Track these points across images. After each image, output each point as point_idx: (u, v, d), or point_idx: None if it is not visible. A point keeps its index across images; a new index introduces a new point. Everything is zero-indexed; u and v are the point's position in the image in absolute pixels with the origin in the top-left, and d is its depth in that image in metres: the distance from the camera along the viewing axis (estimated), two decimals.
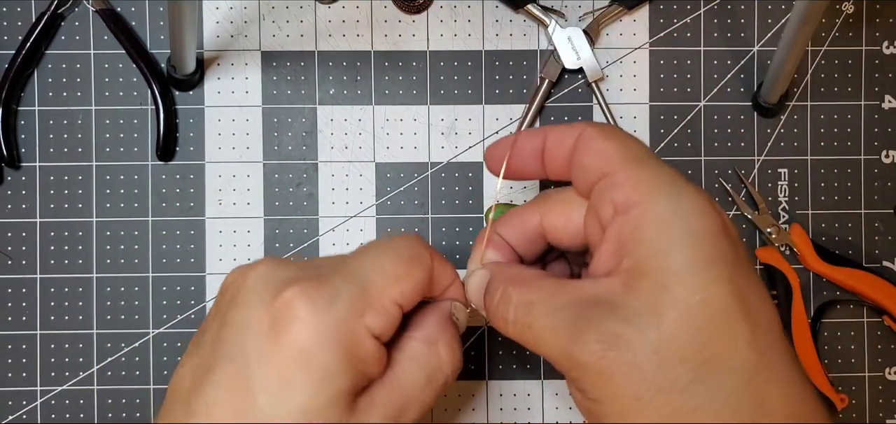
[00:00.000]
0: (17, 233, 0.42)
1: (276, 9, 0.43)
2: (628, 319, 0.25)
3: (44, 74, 0.42)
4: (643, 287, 0.25)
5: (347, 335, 0.28)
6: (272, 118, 0.43)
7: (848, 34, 0.44)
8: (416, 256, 0.30)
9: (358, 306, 0.28)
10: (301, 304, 0.27)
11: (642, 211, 0.26)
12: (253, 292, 0.28)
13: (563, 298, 0.27)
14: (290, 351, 0.27)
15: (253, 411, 0.27)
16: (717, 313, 0.24)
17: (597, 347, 0.25)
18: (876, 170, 0.44)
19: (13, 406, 0.42)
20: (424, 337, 0.31)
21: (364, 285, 0.29)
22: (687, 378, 0.24)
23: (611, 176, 0.27)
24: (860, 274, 0.43)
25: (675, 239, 0.25)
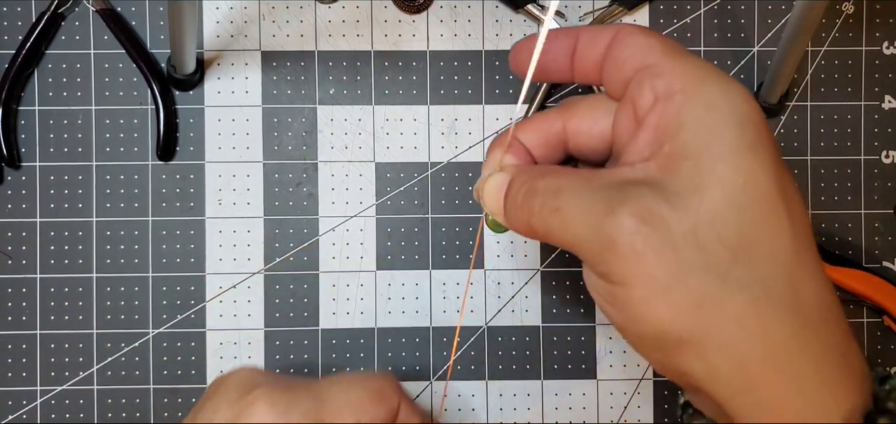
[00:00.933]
0: (17, 233, 0.42)
1: (276, 9, 0.43)
2: (667, 198, 0.24)
3: (44, 74, 0.42)
4: (685, 167, 0.24)
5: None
6: (272, 118, 0.43)
7: (848, 34, 0.44)
8: (381, 392, 0.32)
9: (313, 418, 0.30)
10: (262, 406, 0.30)
11: (687, 96, 0.25)
12: (226, 390, 0.31)
13: (595, 182, 0.26)
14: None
15: None
16: (760, 197, 0.24)
17: (631, 222, 0.23)
18: (876, 171, 0.44)
19: (13, 406, 0.42)
20: None
21: (323, 404, 0.31)
22: (726, 260, 0.23)
23: (652, 66, 0.26)
24: (860, 275, 0.43)
25: (723, 121, 0.24)
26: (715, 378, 0.24)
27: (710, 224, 0.23)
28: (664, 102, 0.25)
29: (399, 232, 0.43)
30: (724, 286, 0.23)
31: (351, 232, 0.43)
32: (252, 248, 0.43)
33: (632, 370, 0.43)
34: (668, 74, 0.25)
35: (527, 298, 0.43)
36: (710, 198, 0.23)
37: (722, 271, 0.23)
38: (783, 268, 0.24)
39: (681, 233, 0.23)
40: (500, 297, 0.43)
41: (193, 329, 0.42)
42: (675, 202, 0.23)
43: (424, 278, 0.43)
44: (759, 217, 0.24)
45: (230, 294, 0.43)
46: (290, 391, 0.31)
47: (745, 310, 0.23)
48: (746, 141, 0.24)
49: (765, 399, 0.23)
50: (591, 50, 0.28)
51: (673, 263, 0.23)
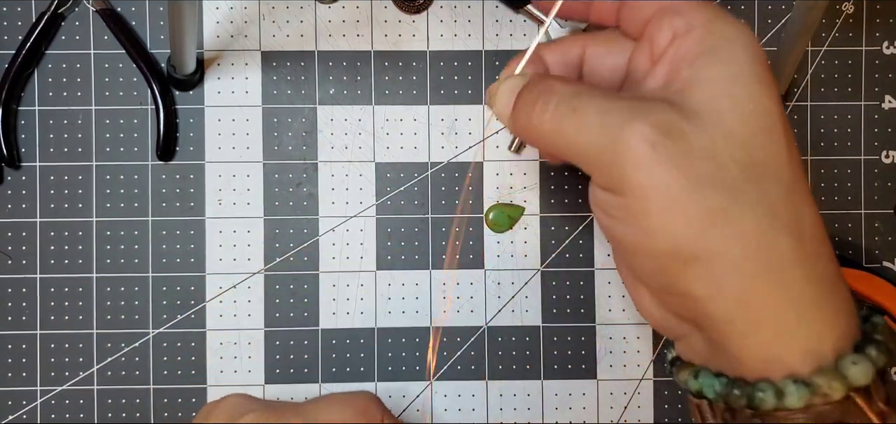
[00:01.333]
0: (17, 233, 0.42)
1: (276, 9, 0.43)
2: (686, 115, 0.24)
3: (44, 74, 0.42)
4: (703, 89, 0.25)
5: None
6: (272, 118, 0.43)
7: (848, 34, 0.44)
8: (365, 410, 0.34)
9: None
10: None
11: (706, 29, 0.26)
12: (221, 413, 0.33)
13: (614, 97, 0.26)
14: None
15: None
16: (769, 125, 0.25)
17: (651, 131, 0.24)
18: (876, 171, 0.44)
19: (13, 406, 0.42)
20: None
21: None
22: (738, 179, 0.24)
23: (670, 7, 0.27)
24: (860, 275, 0.43)
25: (738, 53, 0.25)
26: (718, 296, 0.24)
27: (725, 141, 0.24)
28: (683, 37, 0.26)
29: (399, 232, 0.43)
30: (735, 203, 0.24)
31: (351, 232, 0.43)
32: (252, 248, 0.43)
33: (632, 370, 0.43)
34: (687, 12, 0.26)
35: (527, 298, 0.43)
36: (727, 118, 0.24)
37: (734, 188, 0.24)
38: (786, 193, 0.25)
39: (699, 147, 0.24)
40: (500, 297, 0.43)
41: (193, 329, 0.42)
42: (695, 119, 0.24)
43: (424, 278, 0.43)
44: (767, 142, 0.25)
45: (230, 294, 0.43)
46: (279, 414, 0.33)
47: (754, 228, 0.24)
48: (757, 73, 0.25)
49: (762, 319, 0.24)
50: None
51: (691, 175, 0.24)
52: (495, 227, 0.43)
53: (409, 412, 0.43)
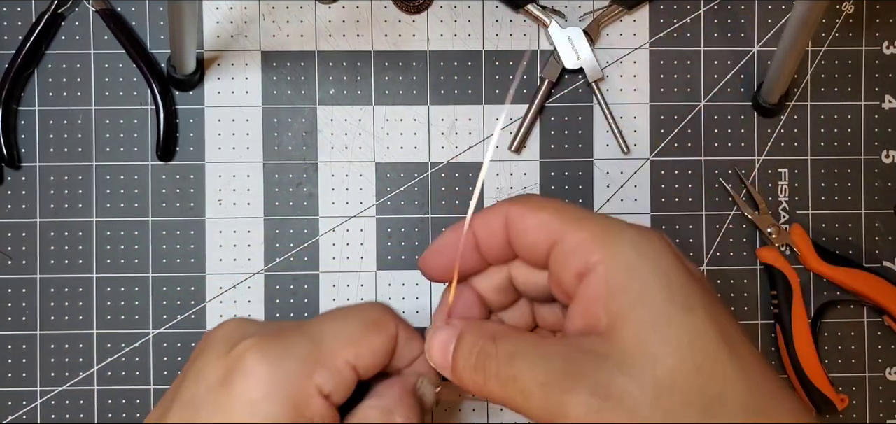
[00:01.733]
0: (17, 233, 0.42)
1: (276, 9, 0.43)
2: (620, 367, 0.23)
3: (44, 74, 0.42)
4: (629, 334, 0.24)
5: (295, 391, 0.28)
6: (272, 118, 0.43)
7: (848, 34, 0.44)
8: (377, 321, 0.30)
9: (309, 363, 0.28)
10: (253, 357, 0.28)
11: (607, 266, 0.25)
12: (213, 345, 0.29)
13: (548, 348, 0.26)
14: (237, 402, 0.27)
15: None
16: (709, 352, 0.24)
17: (592, 401, 0.23)
18: (876, 170, 0.44)
19: (13, 407, 0.42)
20: (380, 405, 0.30)
21: (318, 343, 0.29)
22: (695, 417, 0.23)
23: (559, 244, 0.27)
24: (860, 275, 0.43)
25: (650, 283, 0.24)
26: None
27: (671, 388, 0.23)
28: (587, 278, 0.25)
29: (399, 232, 0.43)
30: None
31: (351, 232, 0.43)
32: (252, 248, 0.43)
33: None
34: (579, 249, 0.26)
35: None
36: (662, 363, 0.23)
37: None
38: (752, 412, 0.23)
39: (644, 402, 0.23)
40: None
41: (193, 329, 0.42)
42: (631, 370, 0.23)
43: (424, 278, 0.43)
44: (715, 370, 0.23)
45: (230, 294, 0.43)
46: (281, 336, 0.29)
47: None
48: (678, 298, 0.24)
49: None
50: (492, 240, 0.29)
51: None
52: None
53: None
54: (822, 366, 0.42)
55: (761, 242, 0.44)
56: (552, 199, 0.28)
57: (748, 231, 0.44)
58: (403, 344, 0.31)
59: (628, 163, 0.43)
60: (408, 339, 0.31)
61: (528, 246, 0.28)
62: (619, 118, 0.43)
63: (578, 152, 0.43)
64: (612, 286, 0.25)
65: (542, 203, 0.28)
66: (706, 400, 0.23)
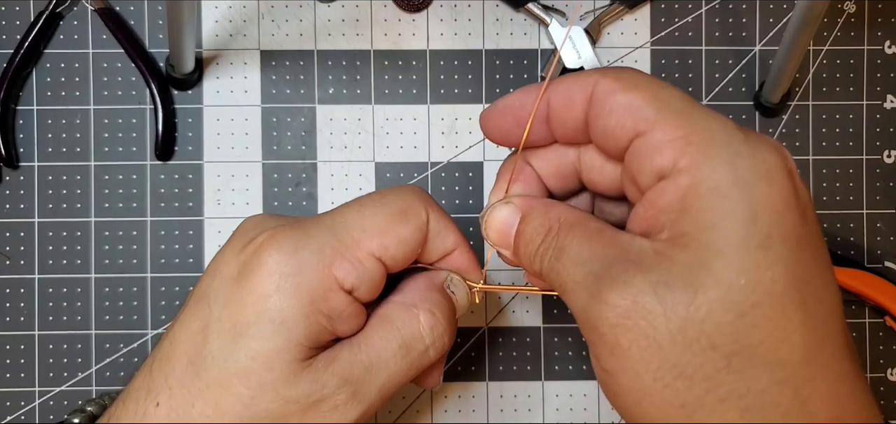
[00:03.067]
0: (15, 233, 0.42)
1: (275, 8, 0.43)
2: (656, 288, 0.21)
3: (42, 74, 0.42)
4: (681, 260, 0.21)
5: (311, 283, 0.26)
6: (271, 117, 0.43)
7: (850, 34, 0.44)
8: (406, 209, 0.28)
9: (327, 254, 0.27)
10: (268, 250, 0.26)
11: (693, 178, 0.22)
12: (232, 241, 0.28)
13: (595, 248, 0.23)
14: (249, 295, 0.26)
15: (203, 355, 0.27)
16: (765, 298, 0.21)
17: (614, 313, 0.22)
18: (878, 170, 0.44)
19: (11, 407, 0.42)
20: (404, 301, 0.28)
21: (337, 234, 0.27)
22: (717, 365, 0.21)
23: (646, 135, 0.23)
24: (862, 275, 0.43)
25: (731, 211, 0.21)
26: None
27: (700, 325, 0.21)
28: (666, 182, 0.22)
29: None
30: (713, 394, 0.21)
31: None
32: None
33: None
34: (667, 149, 0.22)
35: (527, 298, 0.43)
36: (703, 299, 0.21)
37: (712, 378, 0.21)
38: (788, 378, 0.21)
39: (667, 331, 0.21)
40: (501, 297, 0.43)
41: None
42: (666, 295, 0.21)
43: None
44: (761, 320, 0.21)
45: None
46: (298, 227, 0.27)
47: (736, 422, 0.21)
48: (757, 235, 0.21)
49: None
50: (566, 115, 0.25)
51: (658, 362, 0.21)
52: None
53: (409, 412, 0.43)
54: None
55: None
56: (651, 78, 0.24)
57: None
58: (435, 235, 0.29)
59: None
60: (441, 230, 0.29)
61: (609, 132, 0.24)
62: None
63: None
64: (688, 203, 0.22)
65: (637, 80, 0.24)
66: (738, 348, 0.21)
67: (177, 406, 0.26)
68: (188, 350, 0.27)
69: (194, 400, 0.26)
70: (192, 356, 0.27)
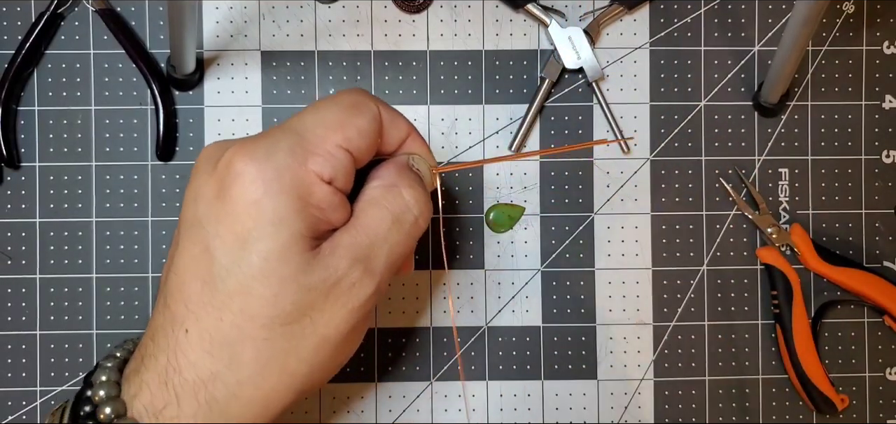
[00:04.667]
0: (16, 233, 0.42)
1: (275, 9, 0.43)
2: None
3: (43, 74, 0.42)
4: None
5: (293, 180, 0.28)
6: (272, 118, 0.43)
7: (848, 34, 0.44)
8: (357, 103, 0.31)
9: (299, 153, 0.28)
10: (240, 160, 0.28)
11: None
12: (200, 166, 0.29)
13: None
14: (238, 205, 0.28)
15: (214, 272, 0.28)
16: None
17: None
18: (876, 170, 0.44)
19: (12, 407, 0.42)
20: (383, 183, 0.31)
21: (302, 134, 0.29)
22: None
23: None
24: (861, 275, 0.43)
25: None
26: None
27: None
28: None
29: None
30: None
31: None
32: None
33: (632, 370, 0.43)
34: None
35: (527, 298, 0.43)
36: None
37: None
38: None
39: None
40: (500, 297, 0.43)
41: None
42: None
43: (424, 278, 0.43)
44: None
45: None
46: (262, 137, 0.29)
47: None
48: None
49: None
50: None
51: None
52: (495, 227, 0.43)
53: (410, 412, 0.43)
54: (823, 366, 0.42)
55: (761, 242, 0.44)
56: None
57: (748, 231, 0.44)
58: (389, 125, 0.32)
59: (628, 163, 0.43)
60: (393, 119, 0.32)
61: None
62: (620, 118, 0.43)
63: (578, 152, 0.43)
64: None
65: None
66: None
67: (206, 326, 0.28)
68: (198, 272, 0.28)
69: (221, 315, 0.28)
70: (203, 277, 0.28)
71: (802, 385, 0.42)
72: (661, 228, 0.43)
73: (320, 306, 0.28)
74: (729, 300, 0.44)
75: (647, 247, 0.43)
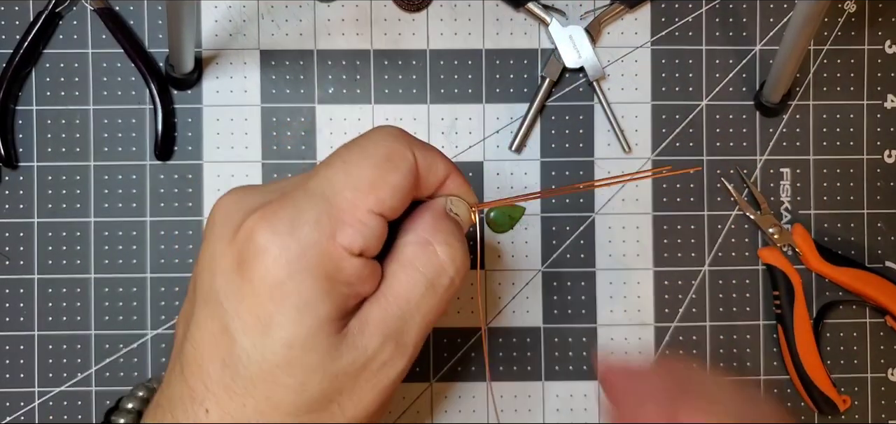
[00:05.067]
0: (14, 234, 0.42)
1: (275, 8, 0.43)
2: None
3: (42, 74, 0.42)
4: None
5: (320, 259, 0.25)
6: (271, 117, 0.43)
7: (850, 33, 0.44)
8: (391, 154, 0.27)
9: (326, 225, 0.25)
10: (262, 234, 0.25)
11: None
12: (216, 227, 0.27)
13: None
14: (261, 286, 0.25)
15: (236, 355, 0.25)
16: None
17: None
18: (878, 170, 0.44)
19: (11, 408, 0.42)
20: (417, 240, 0.28)
21: (330, 200, 0.26)
22: None
23: None
24: (862, 275, 0.42)
25: None
26: None
27: None
28: None
29: None
30: None
31: None
32: None
33: None
34: None
35: (527, 299, 0.43)
36: None
37: None
38: None
39: None
40: (501, 298, 0.43)
41: None
42: None
43: None
44: None
45: None
46: (287, 202, 0.26)
47: None
48: None
49: None
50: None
51: None
52: (495, 227, 0.43)
53: (410, 412, 0.43)
54: (824, 367, 0.42)
55: (763, 242, 0.44)
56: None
57: (750, 231, 0.44)
58: (426, 171, 0.28)
59: (629, 163, 0.43)
60: (430, 163, 0.29)
61: None
62: (621, 117, 0.43)
63: (579, 151, 0.43)
64: None
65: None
66: None
67: (228, 410, 0.26)
68: (217, 353, 0.26)
69: (244, 401, 0.26)
70: (224, 358, 0.26)
71: (804, 385, 0.42)
72: (663, 228, 0.43)
73: (349, 389, 0.26)
74: (730, 300, 0.43)
75: (648, 248, 0.43)
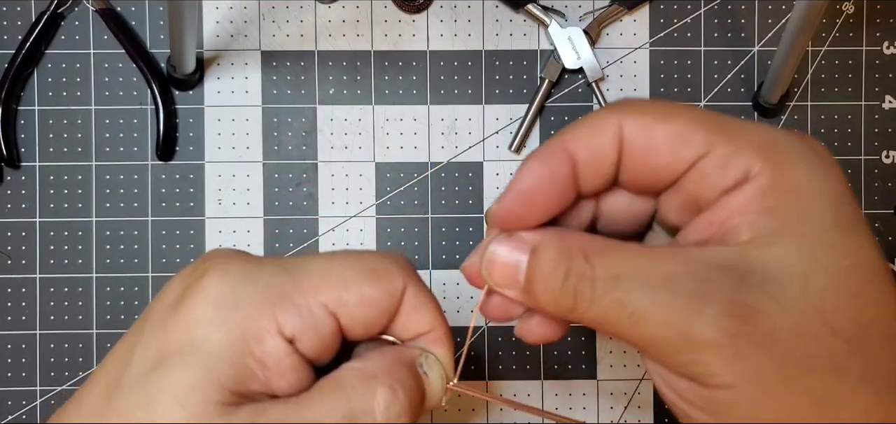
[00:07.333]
0: (16, 233, 0.42)
1: (275, 8, 0.43)
2: (764, 287, 0.21)
3: (43, 74, 0.42)
4: (777, 253, 0.21)
5: (250, 321, 0.23)
6: (272, 118, 0.43)
7: (848, 34, 0.44)
8: (379, 271, 0.25)
9: (274, 293, 0.24)
10: (213, 277, 0.24)
11: (770, 178, 0.22)
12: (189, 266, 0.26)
13: (665, 265, 0.22)
14: (182, 321, 0.24)
15: (121, 382, 0.24)
16: (873, 275, 0.21)
17: (727, 322, 0.20)
18: (876, 171, 0.44)
19: (12, 406, 0.42)
20: (363, 369, 0.24)
21: (294, 277, 0.24)
22: (841, 351, 0.21)
23: (708, 155, 0.22)
24: None
25: (819, 202, 0.22)
26: None
27: (819, 313, 0.21)
28: (740, 188, 0.22)
29: (399, 232, 0.43)
30: (844, 382, 0.21)
31: (351, 232, 0.43)
32: (252, 248, 0.43)
33: (632, 370, 0.43)
34: (735, 159, 0.22)
35: None
36: (815, 286, 0.21)
37: (839, 365, 0.21)
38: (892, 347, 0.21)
39: (788, 327, 0.20)
40: None
41: None
42: (777, 292, 0.21)
43: (424, 278, 0.43)
44: (870, 300, 0.21)
45: None
46: (255, 261, 0.25)
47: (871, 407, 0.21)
48: (845, 220, 0.22)
49: None
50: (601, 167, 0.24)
51: (782, 361, 0.20)
52: None
53: None
54: None
55: None
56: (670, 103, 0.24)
57: None
58: (410, 310, 0.25)
59: None
60: (418, 306, 0.26)
61: (659, 167, 0.23)
62: None
63: None
64: (771, 202, 0.21)
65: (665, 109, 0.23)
66: (856, 329, 0.21)
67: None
68: (109, 374, 0.24)
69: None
70: (110, 381, 0.24)
71: None
72: None
73: None
74: None
75: None
